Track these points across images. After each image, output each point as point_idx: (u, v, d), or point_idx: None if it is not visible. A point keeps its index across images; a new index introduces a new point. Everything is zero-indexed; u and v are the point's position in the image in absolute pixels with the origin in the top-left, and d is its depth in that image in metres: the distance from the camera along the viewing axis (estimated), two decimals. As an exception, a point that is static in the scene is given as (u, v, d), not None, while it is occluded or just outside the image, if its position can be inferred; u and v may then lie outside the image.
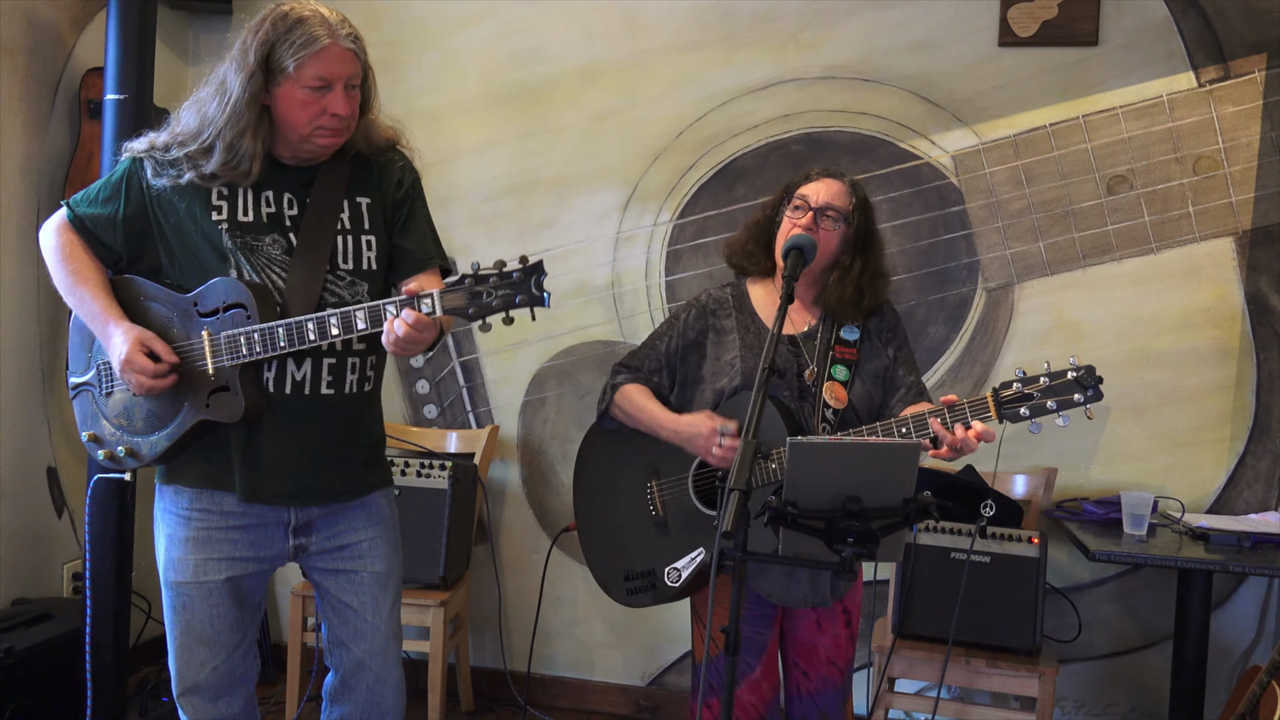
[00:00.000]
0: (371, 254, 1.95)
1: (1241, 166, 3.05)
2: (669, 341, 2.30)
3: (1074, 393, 1.85)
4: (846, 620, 2.29)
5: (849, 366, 2.19)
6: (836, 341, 2.20)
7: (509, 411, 3.54)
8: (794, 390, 2.18)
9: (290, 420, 1.90)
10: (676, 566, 2.21)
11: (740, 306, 2.26)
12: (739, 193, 3.35)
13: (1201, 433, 3.11)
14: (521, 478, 3.55)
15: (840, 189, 2.20)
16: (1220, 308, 3.09)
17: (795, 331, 2.22)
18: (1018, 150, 3.17)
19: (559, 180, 3.48)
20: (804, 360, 2.19)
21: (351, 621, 2.00)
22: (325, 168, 1.94)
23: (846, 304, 2.18)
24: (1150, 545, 2.74)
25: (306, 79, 1.81)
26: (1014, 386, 1.90)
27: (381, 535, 2.02)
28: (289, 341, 1.81)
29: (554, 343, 3.50)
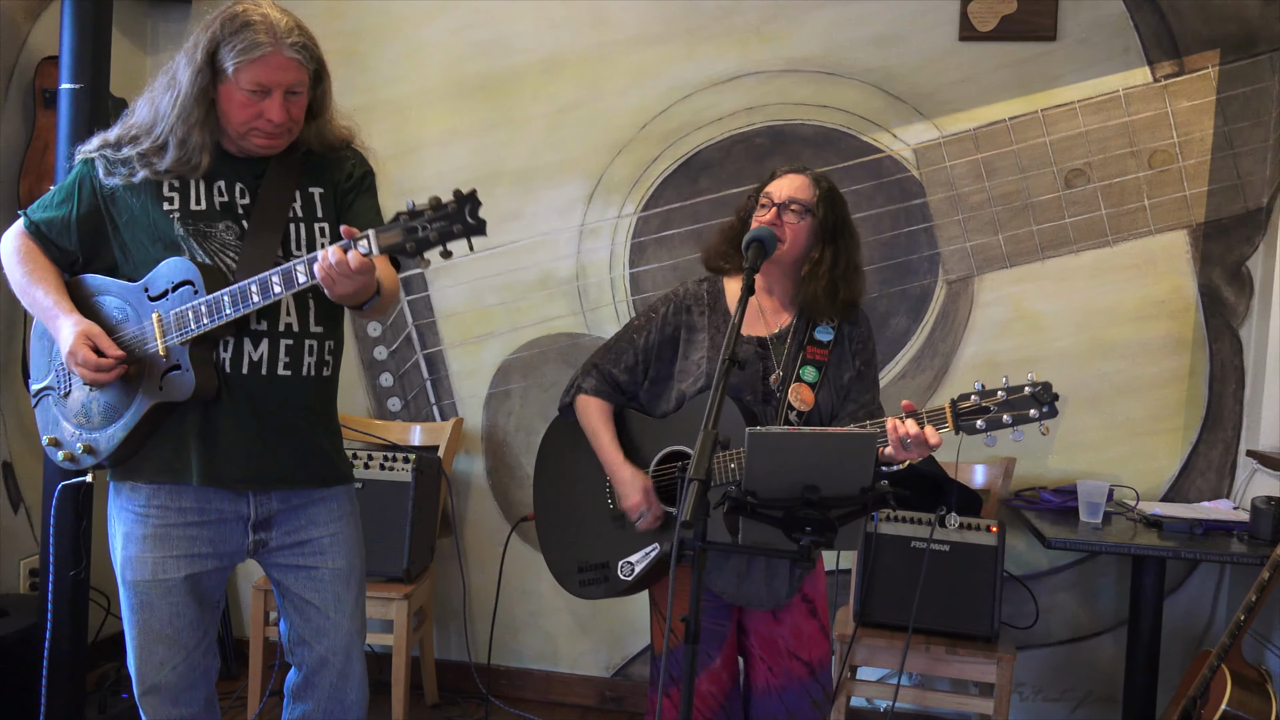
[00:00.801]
0: (325, 240, 1.97)
1: (1195, 160, 3.12)
2: (648, 336, 2.30)
3: (1030, 408, 1.88)
4: (811, 611, 2.26)
5: (819, 368, 2.19)
6: (809, 341, 2.20)
7: (473, 404, 3.55)
8: (757, 394, 2.18)
9: (247, 401, 1.90)
10: (630, 560, 2.23)
11: (714, 305, 2.27)
12: (703, 185, 3.37)
13: (1156, 422, 3.18)
14: (486, 470, 3.56)
15: (803, 182, 2.21)
16: (1174, 300, 3.16)
17: (767, 333, 2.22)
18: (978, 144, 3.22)
19: (523, 172, 3.48)
20: (770, 364, 2.20)
21: (314, 619, 2.00)
22: (276, 160, 1.96)
23: (821, 298, 2.18)
24: (1105, 533, 2.80)
25: (244, 83, 1.83)
26: (971, 399, 1.92)
27: (342, 531, 2.02)
28: (234, 307, 1.81)
29: (518, 335, 3.51)
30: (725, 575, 2.20)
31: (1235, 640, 2.47)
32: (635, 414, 2.33)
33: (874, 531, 2.86)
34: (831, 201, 2.21)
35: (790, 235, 2.18)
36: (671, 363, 2.28)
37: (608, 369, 2.33)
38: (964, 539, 2.85)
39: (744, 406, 2.15)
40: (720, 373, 1.82)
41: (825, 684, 2.28)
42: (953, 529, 2.85)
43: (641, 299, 3.42)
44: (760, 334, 2.23)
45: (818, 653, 2.26)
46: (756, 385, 2.19)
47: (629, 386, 2.32)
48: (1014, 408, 1.89)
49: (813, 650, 2.26)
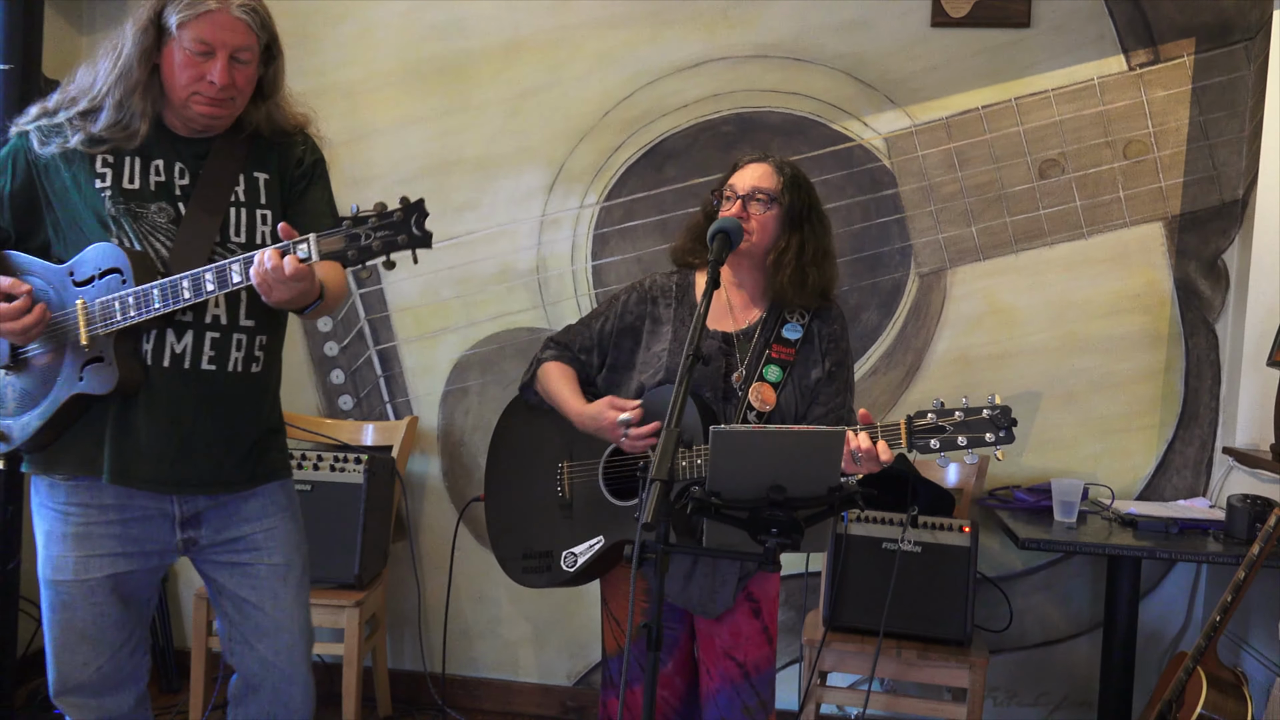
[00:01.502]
0: (266, 228, 1.93)
1: (1170, 151, 3.15)
2: (605, 321, 2.30)
3: (986, 431, 1.86)
4: (755, 611, 2.21)
5: (784, 368, 2.18)
6: (776, 340, 2.19)
7: (429, 402, 3.52)
8: (717, 391, 2.17)
9: (166, 397, 1.86)
10: (574, 551, 2.22)
11: (682, 298, 2.26)
12: (668, 174, 3.36)
13: (1131, 419, 3.22)
14: (442, 471, 3.53)
15: (765, 170, 2.21)
16: (1150, 293, 3.19)
17: (733, 329, 2.22)
18: (950, 133, 3.24)
19: (481, 160, 3.45)
20: (734, 361, 2.19)
21: (252, 617, 1.97)
22: (221, 141, 1.92)
23: (789, 287, 2.17)
24: (1080, 533, 2.83)
25: (188, 40, 1.80)
26: (929, 417, 1.91)
27: (279, 525, 1.99)
28: (164, 301, 1.78)
29: (476, 330, 3.48)
30: (669, 576, 2.17)
31: (1210, 642, 2.49)
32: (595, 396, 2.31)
33: (843, 533, 2.87)
34: (796, 187, 2.20)
35: (757, 227, 2.17)
36: (632, 353, 2.27)
37: (565, 343, 2.33)
38: (936, 540, 2.86)
39: (703, 404, 2.14)
40: (684, 368, 1.82)
41: (761, 690, 2.21)
42: (924, 529, 2.86)
43: (604, 292, 3.40)
44: (726, 329, 2.22)
45: (755, 655, 2.20)
46: (717, 382, 2.18)
47: (586, 368, 2.32)
48: (970, 430, 1.88)
49: (749, 651, 2.20)
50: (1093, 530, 2.87)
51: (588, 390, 2.30)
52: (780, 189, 2.19)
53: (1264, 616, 2.86)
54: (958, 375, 3.25)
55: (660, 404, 2.14)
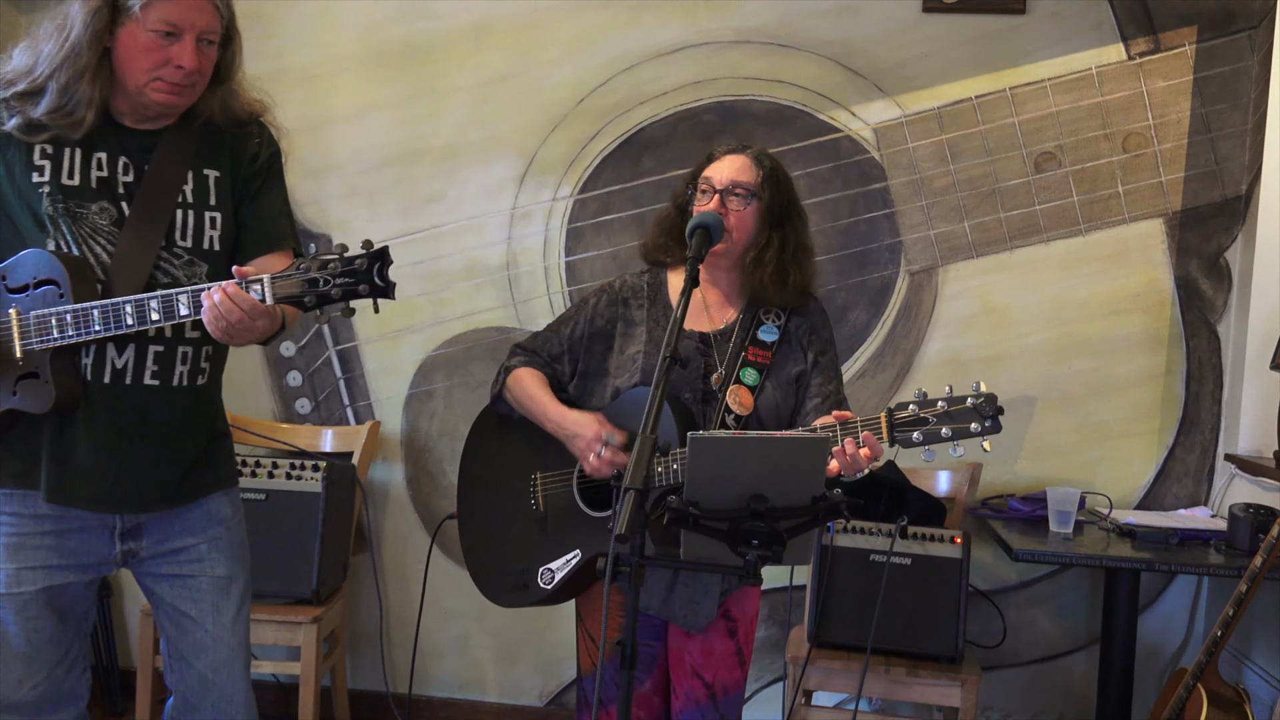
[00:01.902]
0: (215, 232, 1.90)
1: (1171, 144, 3.18)
2: (574, 326, 2.30)
3: (971, 421, 1.86)
4: (730, 630, 2.21)
5: (760, 371, 2.18)
6: (751, 342, 2.20)
7: (392, 405, 3.50)
8: (697, 393, 2.17)
9: (107, 413, 1.84)
10: (551, 567, 2.21)
11: (655, 298, 2.27)
12: (646, 166, 3.36)
13: (1130, 424, 3.24)
14: (406, 479, 3.51)
15: (744, 163, 2.20)
16: (1150, 293, 3.22)
17: (711, 329, 2.23)
18: (942, 124, 3.25)
19: (447, 150, 3.44)
20: (712, 362, 2.19)
21: (190, 632, 1.96)
22: (170, 133, 1.88)
23: (769, 286, 2.17)
24: (1076, 543, 2.85)
25: (152, 22, 1.76)
26: (910, 408, 1.91)
27: (222, 536, 1.98)
28: (104, 325, 1.76)
29: (442, 329, 3.47)
30: (650, 588, 2.18)
31: (1212, 658, 2.51)
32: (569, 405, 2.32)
33: (829, 544, 2.88)
34: (776, 181, 2.20)
35: (736, 223, 2.17)
36: (604, 358, 2.27)
37: (533, 349, 2.33)
38: (926, 551, 2.87)
39: (682, 406, 2.14)
40: (660, 371, 1.81)
41: (728, 714, 2.21)
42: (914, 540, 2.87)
43: (578, 289, 3.40)
44: (703, 329, 2.22)
45: (725, 677, 2.21)
46: (696, 384, 2.18)
47: (554, 378, 2.31)
48: (954, 420, 1.87)
49: (719, 672, 2.20)
50: (1090, 541, 2.88)
51: (560, 397, 2.30)
52: (760, 183, 2.18)
53: (1267, 631, 2.89)
54: (949, 378, 3.23)
55: (637, 407, 2.12)
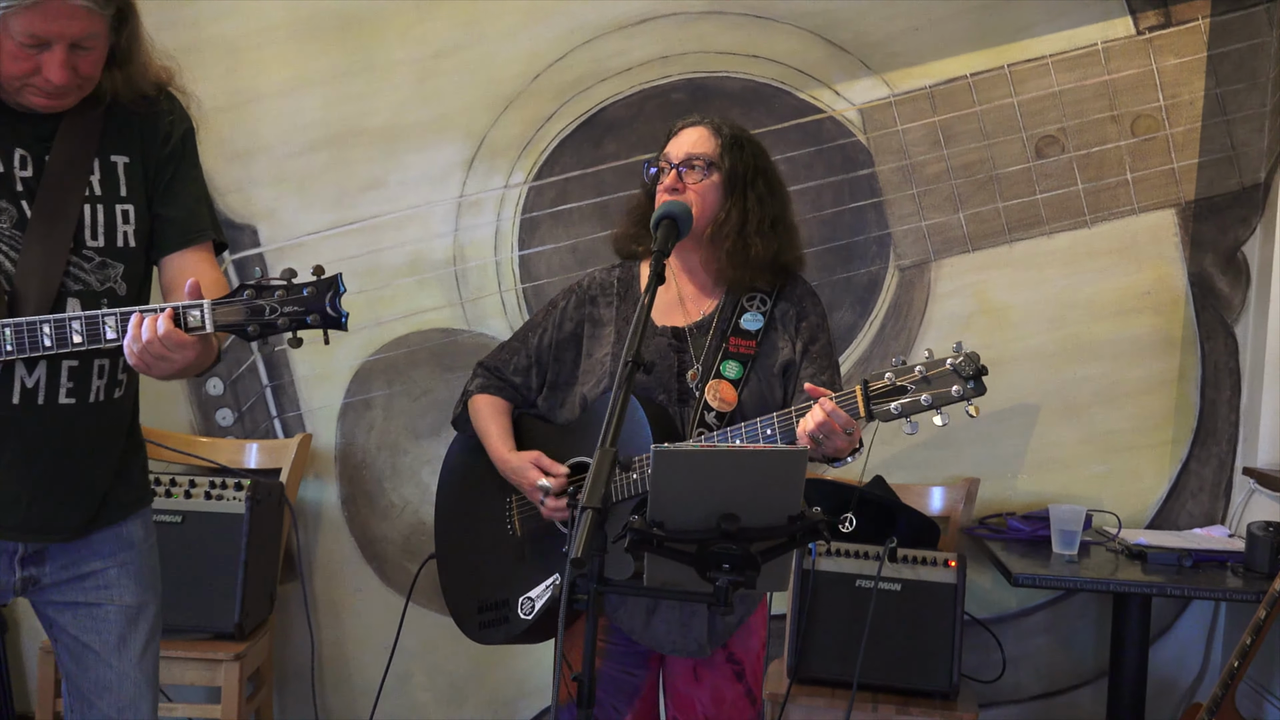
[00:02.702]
0: (129, 227, 1.88)
1: (1184, 128, 3.22)
2: (542, 334, 2.33)
3: (952, 385, 1.87)
4: (738, 674, 2.27)
5: (744, 363, 2.20)
6: (734, 332, 2.22)
7: (325, 416, 3.48)
8: (671, 394, 2.20)
9: (16, 437, 1.81)
10: (531, 596, 2.22)
11: (625, 294, 2.30)
12: (608, 149, 3.36)
13: (1141, 435, 3.27)
14: (341, 498, 3.49)
15: (701, 133, 2.23)
16: (1161, 291, 3.25)
17: (687, 322, 2.25)
18: (935, 104, 3.28)
19: (388, 131, 3.43)
20: (688, 358, 2.22)
21: (93, 668, 1.94)
22: (70, 117, 1.85)
23: (729, 260, 2.18)
24: (1082, 567, 2.87)
25: (16, 32, 1.72)
26: (886, 377, 1.92)
27: (133, 561, 1.96)
28: (18, 346, 1.74)
29: (382, 331, 3.45)
30: (630, 611, 2.20)
31: (1229, 691, 2.54)
32: (534, 421, 2.34)
33: (810, 569, 2.88)
34: (738, 147, 2.22)
35: (695, 197, 2.18)
36: (575, 365, 2.30)
37: (495, 367, 2.36)
38: (918, 576, 2.88)
39: (657, 411, 2.15)
40: (621, 376, 1.81)
41: None
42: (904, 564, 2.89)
43: (533, 286, 3.40)
44: (677, 324, 2.24)
45: None
46: (670, 383, 2.20)
47: (524, 391, 2.34)
48: (934, 385, 1.88)
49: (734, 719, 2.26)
50: (1097, 564, 2.91)
51: (529, 413, 2.33)
52: (719, 152, 2.21)
53: (1289, 661, 2.92)
54: (943, 385, 3.28)
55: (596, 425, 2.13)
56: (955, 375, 1.88)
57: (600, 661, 2.25)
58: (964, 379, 1.87)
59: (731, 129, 2.25)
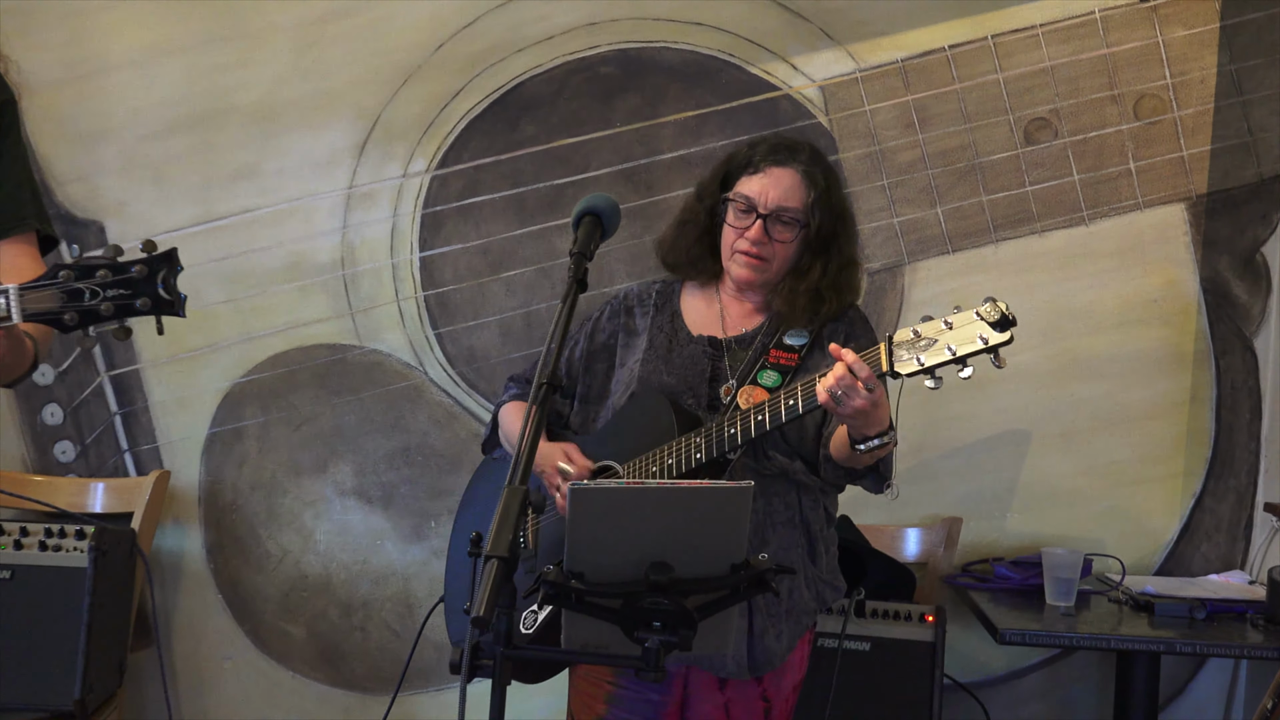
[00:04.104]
0: None
1: (1195, 110, 3.28)
2: (574, 346, 2.49)
3: (979, 332, 2.00)
4: (766, 712, 2.37)
5: (783, 374, 2.33)
6: (776, 345, 2.37)
7: (187, 450, 3.46)
8: (700, 398, 2.36)
9: None
10: (534, 608, 2.26)
11: (662, 305, 2.48)
12: (526, 132, 3.37)
13: (1148, 466, 3.32)
14: (205, 547, 3.46)
15: (794, 181, 2.33)
16: (1170, 298, 3.31)
17: (725, 335, 2.42)
18: (907, 80, 3.31)
19: (263, 110, 3.41)
20: (722, 367, 2.38)
21: None
22: None
23: (798, 311, 2.37)
24: (1081, 620, 2.90)
25: None
26: (911, 331, 2.06)
27: None
28: None
29: (256, 347, 3.43)
30: None
31: (1248, 763, 2.58)
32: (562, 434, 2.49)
33: (765, 625, 2.90)
34: (828, 200, 2.35)
35: (780, 254, 2.35)
36: (606, 378, 2.47)
37: (526, 378, 2.54)
38: (890, 633, 2.90)
39: (684, 412, 2.29)
40: (534, 398, 1.83)
41: None
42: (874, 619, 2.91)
43: (438, 294, 3.40)
44: (716, 335, 2.42)
45: None
46: (700, 389, 2.36)
47: (556, 407, 2.50)
48: (958, 335, 2.02)
49: None
50: (1098, 617, 2.94)
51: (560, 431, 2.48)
52: (810, 206, 2.33)
53: (1318, 728, 2.97)
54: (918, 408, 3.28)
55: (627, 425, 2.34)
56: (980, 322, 1.99)
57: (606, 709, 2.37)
58: (990, 324, 1.97)
59: (825, 175, 2.37)
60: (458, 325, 3.40)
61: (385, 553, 3.45)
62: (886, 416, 2.15)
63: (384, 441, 3.44)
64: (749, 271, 2.34)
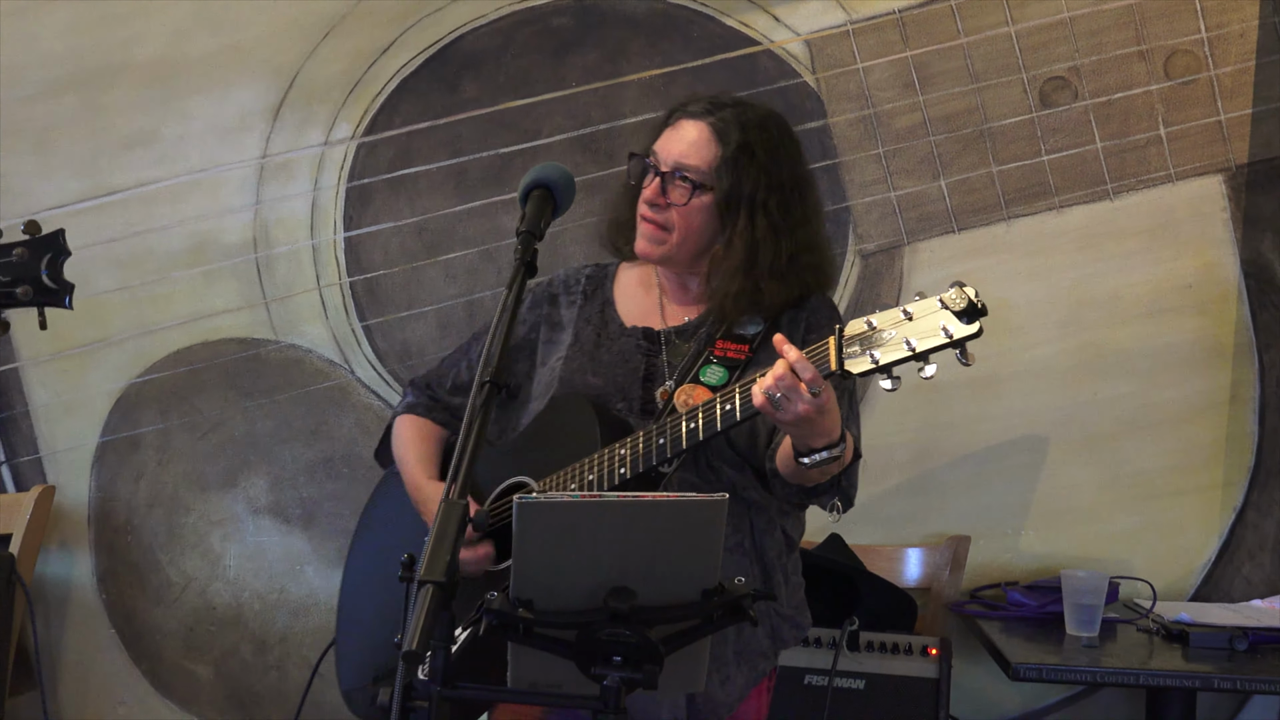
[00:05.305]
0: None
1: (1234, 68, 3.29)
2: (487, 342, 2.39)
3: (942, 323, 1.93)
4: None
5: (731, 369, 2.28)
6: (725, 335, 2.32)
7: (74, 461, 3.44)
8: (632, 401, 2.30)
9: None
10: None
11: (592, 294, 2.43)
12: (468, 93, 3.36)
13: (1181, 476, 3.33)
14: (97, 575, 3.45)
15: (700, 135, 2.27)
16: (1206, 283, 3.32)
17: (663, 326, 2.38)
18: (906, 34, 3.32)
19: (161, 66, 3.40)
20: (659, 364, 2.32)
21: None
22: None
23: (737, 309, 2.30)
24: (1105, 652, 2.90)
25: None
26: (865, 322, 1.98)
27: None
28: None
29: (154, 342, 3.43)
30: None
31: (1296, 814, 2.60)
32: None
33: (744, 661, 2.90)
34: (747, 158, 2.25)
35: (678, 222, 2.28)
36: (527, 379, 2.40)
37: (428, 384, 2.49)
38: (887, 669, 2.90)
39: (611, 419, 2.23)
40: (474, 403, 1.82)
41: None
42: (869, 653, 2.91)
43: (365, 281, 3.39)
44: (653, 326, 2.37)
45: None
46: (632, 390, 2.29)
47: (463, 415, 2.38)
48: (918, 328, 1.94)
49: None
50: (1125, 648, 2.95)
51: None
52: (716, 167, 2.26)
53: (1375, 773, 2.99)
54: (920, 410, 3.32)
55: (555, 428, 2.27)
56: (944, 310, 1.94)
57: None
58: (957, 315, 1.93)
59: (743, 132, 2.27)
60: (389, 316, 3.39)
61: (306, 580, 3.44)
62: (836, 425, 2.07)
63: (304, 451, 3.42)
64: (645, 242, 2.29)
